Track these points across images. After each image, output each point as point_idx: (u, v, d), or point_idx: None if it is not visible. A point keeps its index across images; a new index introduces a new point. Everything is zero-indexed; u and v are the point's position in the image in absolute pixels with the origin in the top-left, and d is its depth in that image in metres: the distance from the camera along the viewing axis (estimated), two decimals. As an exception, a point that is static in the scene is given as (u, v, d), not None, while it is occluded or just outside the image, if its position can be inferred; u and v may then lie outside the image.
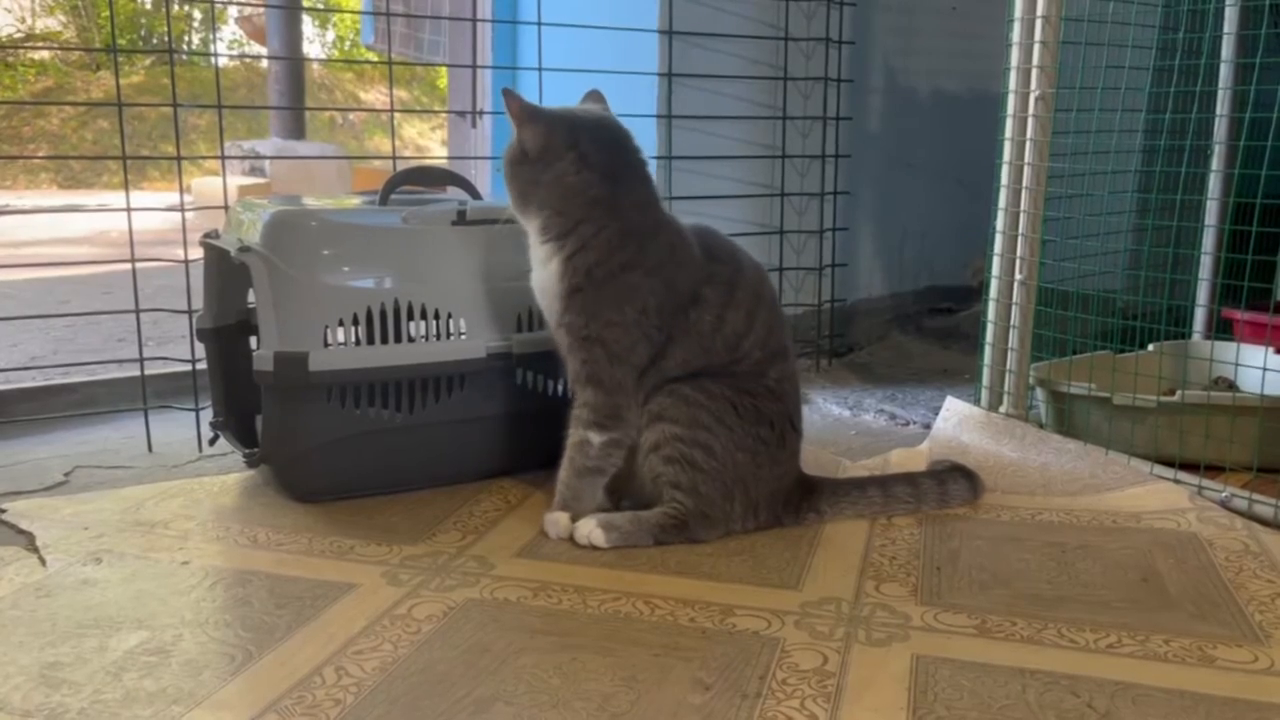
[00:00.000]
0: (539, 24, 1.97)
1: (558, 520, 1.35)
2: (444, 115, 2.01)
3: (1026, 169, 1.70)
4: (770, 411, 1.37)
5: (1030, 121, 1.69)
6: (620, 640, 1.09)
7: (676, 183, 2.17)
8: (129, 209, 1.63)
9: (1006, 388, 1.78)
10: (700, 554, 1.31)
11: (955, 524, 1.44)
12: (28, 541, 1.32)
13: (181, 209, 1.69)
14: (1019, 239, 1.72)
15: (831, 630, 1.12)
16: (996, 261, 1.76)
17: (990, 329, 1.80)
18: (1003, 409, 1.79)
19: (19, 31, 11.20)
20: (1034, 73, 1.67)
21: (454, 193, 1.73)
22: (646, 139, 2.16)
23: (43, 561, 1.26)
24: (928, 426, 1.90)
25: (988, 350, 1.80)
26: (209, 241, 1.55)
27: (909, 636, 1.11)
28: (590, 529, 1.33)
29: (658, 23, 2.11)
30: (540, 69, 1.97)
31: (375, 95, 12.32)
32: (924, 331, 2.70)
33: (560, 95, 2.04)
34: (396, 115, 1.91)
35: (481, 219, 1.50)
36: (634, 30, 2.13)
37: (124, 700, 0.96)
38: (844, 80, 2.31)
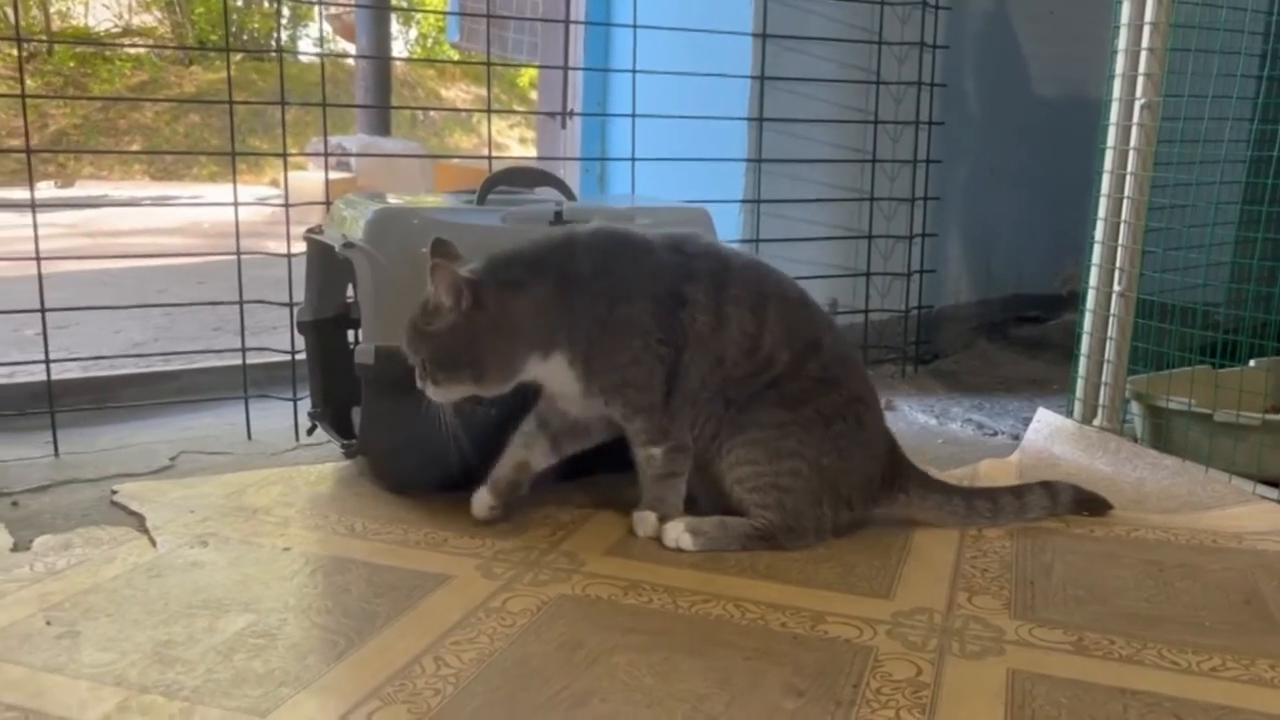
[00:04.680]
0: (634, 26, 1.98)
1: (646, 519, 1.37)
2: (521, 114, 2.03)
3: (1129, 178, 1.67)
4: (833, 405, 1.34)
5: (1134, 130, 1.65)
6: (712, 642, 1.09)
7: (765, 185, 2.17)
8: (236, 203, 1.68)
9: (1101, 400, 1.75)
10: (789, 560, 1.31)
11: (1047, 538, 1.41)
12: (138, 523, 1.37)
13: (286, 204, 1.74)
14: (1118, 249, 1.69)
15: (924, 641, 1.11)
16: (1094, 272, 1.73)
17: (1086, 340, 1.76)
18: (1096, 422, 1.75)
19: (116, 27, 11.60)
20: (1140, 80, 1.64)
21: (546, 193, 1.75)
22: (737, 141, 2.17)
23: (153, 542, 1.31)
24: (1016, 437, 1.87)
25: (1082, 362, 1.77)
26: (312, 236, 1.60)
27: (1004, 651, 1.09)
28: (678, 533, 1.34)
29: (751, 26, 2.11)
30: (634, 71, 1.99)
31: (457, 93, 12.49)
32: (1011, 340, 2.66)
33: (652, 96, 2.06)
34: (477, 114, 1.94)
35: (578, 220, 1.51)
36: (727, 34, 2.13)
37: (235, 680, 0.99)
38: (937, 85, 2.28)
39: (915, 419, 2.03)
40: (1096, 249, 1.72)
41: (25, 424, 1.73)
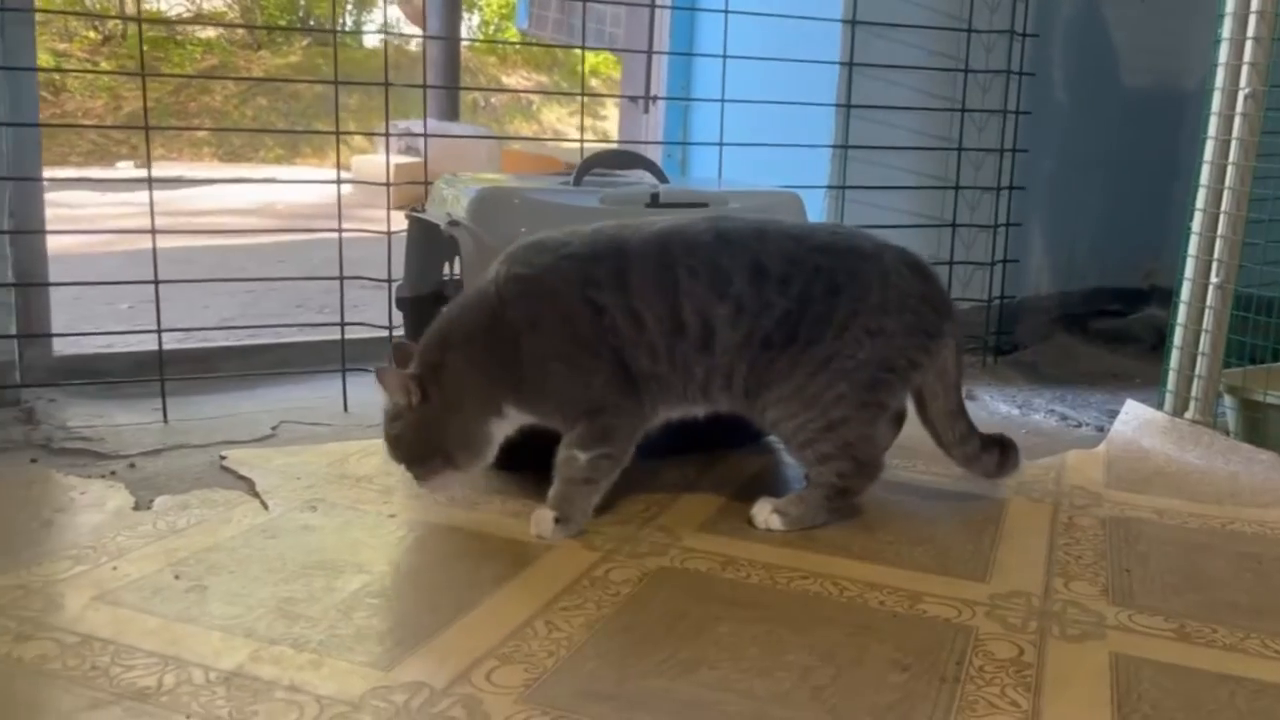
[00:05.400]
0: (725, 12, 2.00)
1: (544, 517, 1.30)
2: (579, 100, 2.04)
3: (1230, 169, 1.65)
4: (823, 309, 1.29)
5: (1237, 120, 1.63)
6: (813, 618, 1.11)
7: (851, 172, 2.18)
8: (339, 181, 1.72)
9: (1194, 393, 1.73)
10: (881, 542, 1.33)
11: (1141, 527, 1.41)
12: (248, 487, 1.42)
13: (388, 184, 1.78)
14: (1217, 240, 1.67)
15: (1024, 623, 1.12)
16: (1190, 263, 1.71)
17: (1179, 332, 1.75)
18: (1188, 415, 1.74)
19: (188, 11, 11.82)
20: (1244, 69, 1.62)
21: (638, 176, 1.77)
22: (820, 126, 2.17)
23: (264, 506, 1.36)
24: (1100, 429, 1.87)
25: (1175, 354, 1.75)
26: (415, 215, 1.63)
27: (1105, 635, 1.10)
28: (767, 515, 1.35)
29: (841, 12, 2.11)
30: (724, 56, 2.00)
31: (517, 79, 12.57)
32: (1090, 333, 2.63)
33: (734, 81, 2.07)
34: (536, 99, 1.96)
35: (674, 202, 1.53)
36: (817, 20, 2.13)
37: (356, 636, 1.03)
38: (1025, 74, 2.27)
39: (998, 409, 2.02)
40: (1193, 240, 1.71)
41: (133, 391, 1.79)
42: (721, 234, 1.32)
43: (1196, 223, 1.70)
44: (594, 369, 1.29)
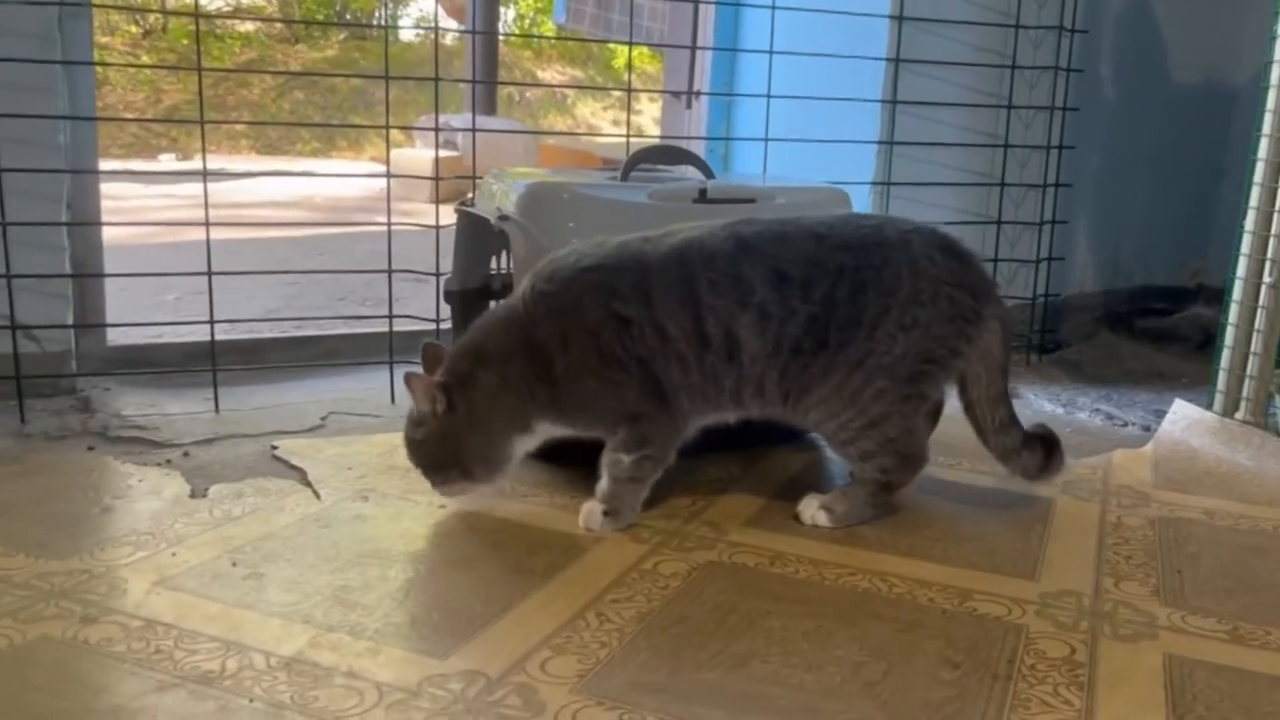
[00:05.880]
0: (772, 8, 1.99)
1: (593, 510, 1.32)
2: (616, 95, 2.05)
3: (1285, 167, 1.63)
4: (853, 308, 1.27)
5: (1293, 117, 1.61)
6: (862, 614, 1.12)
7: (896, 168, 2.17)
8: (389, 174, 1.74)
9: (1245, 394, 1.71)
10: (929, 539, 1.33)
11: (1191, 529, 1.40)
12: (300, 476, 1.45)
13: (436, 178, 1.80)
14: (1271, 240, 1.65)
15: (1075, 622, 1.11)
16: (1242, 262, 1.69)
17: (1230, 331, 1.73)
18: (1238, 415, 1.72)
19: (227, 5, 11.96)
20: (1301, 66, 1.60)
21: (686, 171, 1.78)
22: (865, 122, 2.17)
23: (317, 495, 1.38)
24: (1146, 429, 1.85)
25: (1226, 353, 1.74)
26: (464, 209, 1.65)
27: (1157, 635, 1.09)
28: (813, 511, 1.35)
29: (889, 7, 2.10)
30: (771, 51, 2.00)
31: (552, 74, 12.62)
32: (1135, 332, 2.61)
33: (777, 76, 2.07)
34: (570, 93, 1.97)
35: (721, 198, 1.54)
36: (864, 15, 2.12)
37: (411, 624, 1.04)
38: (1074, 70, 2.25)
39: (1042, 408, 2.01)
40: (1246, 239, 1.69)
41: (183, 381, 1.83)
42: (741, 241, 1.30)
43: (1249, 221, 1.68)
44: (625, 381, 1.29)
